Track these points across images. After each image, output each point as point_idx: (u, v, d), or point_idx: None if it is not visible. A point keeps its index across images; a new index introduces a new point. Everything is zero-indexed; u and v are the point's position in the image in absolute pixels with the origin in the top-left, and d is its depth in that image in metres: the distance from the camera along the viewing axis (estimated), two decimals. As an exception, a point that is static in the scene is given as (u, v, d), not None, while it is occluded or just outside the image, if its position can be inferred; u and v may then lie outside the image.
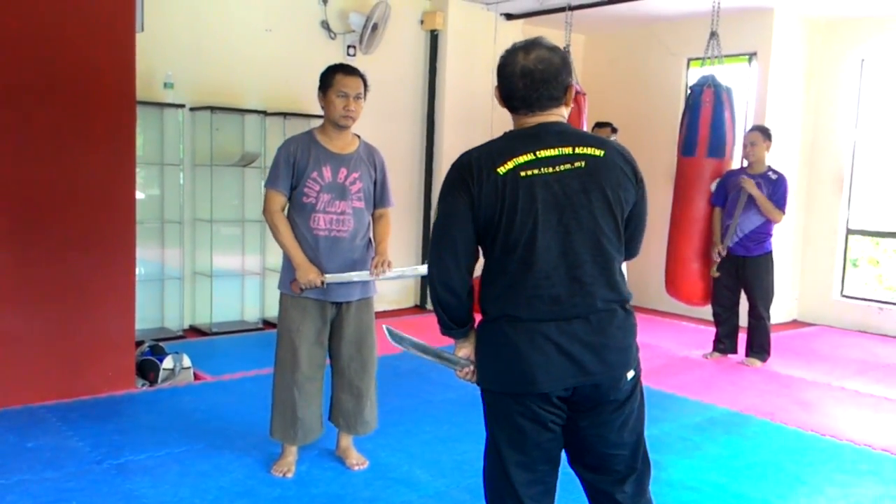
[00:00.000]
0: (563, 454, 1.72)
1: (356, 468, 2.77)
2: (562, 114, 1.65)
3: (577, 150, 1.57)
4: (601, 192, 1.57)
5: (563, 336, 1.56)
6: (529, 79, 1.59)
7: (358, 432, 2.79)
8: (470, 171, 1.58)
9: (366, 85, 2.65)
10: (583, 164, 1.57)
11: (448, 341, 1.73)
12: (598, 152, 1.59)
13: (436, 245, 1.62)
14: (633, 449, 1.67)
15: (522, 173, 1.55)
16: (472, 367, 1.71)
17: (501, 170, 1.56)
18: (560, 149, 1.57)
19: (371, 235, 2.76)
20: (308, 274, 2.56)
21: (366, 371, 2.75)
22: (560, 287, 1.56)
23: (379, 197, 2.75)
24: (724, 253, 4.47)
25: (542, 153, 1.56)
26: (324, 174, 2.61)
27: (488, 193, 1.55)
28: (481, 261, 1.70)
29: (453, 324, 1.67)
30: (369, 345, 2.75)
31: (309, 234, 2.62)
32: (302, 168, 2.60)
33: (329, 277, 2.59)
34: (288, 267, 2.65)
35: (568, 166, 1.56)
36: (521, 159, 1.56)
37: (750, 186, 4.32)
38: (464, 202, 1.58)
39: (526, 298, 1.57)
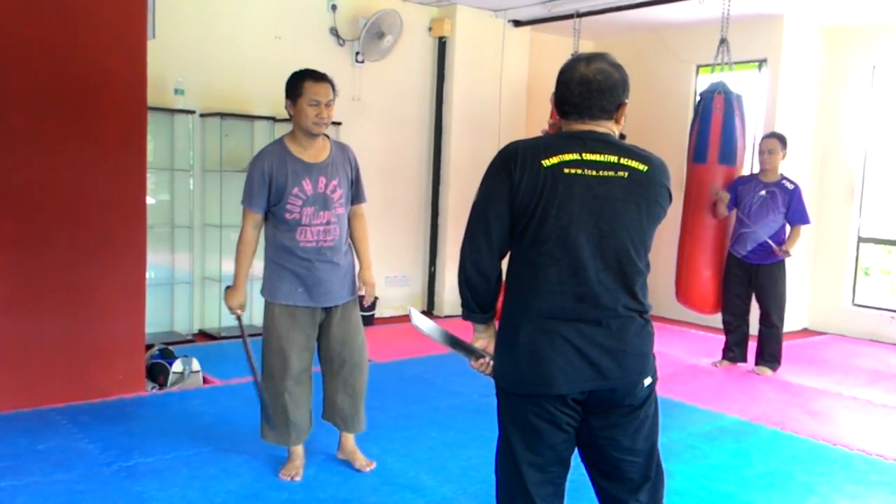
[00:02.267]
0: (574, 460, 1.72)
1: (367, 469, 2.78)
2: (610, 128, 1.67)
3: (622, 161, 1.60)
4: (637, 206, 1.60)
5: (582, 339, 1.58)
6: (586, 87, 1.61)
7: (357, 429, 2.81)
8: (515, 158, 1.60)
9: (334, 89, 2.63)
10: (626, 174, 1.60)
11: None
12: (642, 167, 1.62)
13: (471, 225, 1.65)
14: (646, 457, 1.67)
15: (566, 170, 1.58)
16: (487, 359, 1.71)
17: (546, 162, 1.58)
18: (605, 155, 1.60)
19: (349, 240, 2.78)
20: (236, 299, 2.66)
21: (360, 369, 2.77)
22: (585, 287, 1.58)
23: (354, 194, 2.75)
24: (723, 196, 4.40)
25: (588, 156, 1.59)
26: (304, 188, 2.58)
27: (529, 182, 1.57)
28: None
29: (477, 308, 1.69)
30: (360, 343, 2.77)
31: (297, 247, 2.61)
32: (281, 185, 2.56)
33: (241, 322, 2.71)
34: (271, 275, 2.66)
35: (611, 174, 1.59)
36: (567, 157, 1.58)
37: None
38: (504, 186, 1.59)
39: (549, 293, 1.58)
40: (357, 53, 5.40)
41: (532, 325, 1.60)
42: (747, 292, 4.50)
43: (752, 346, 4.61)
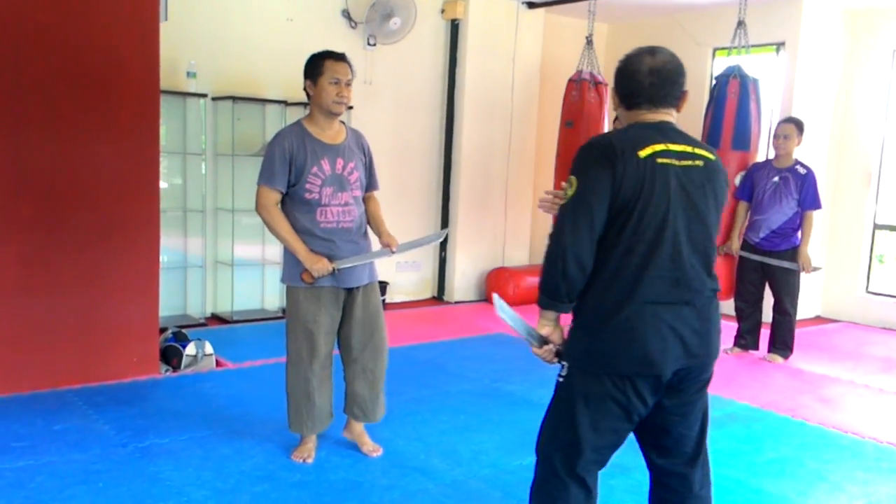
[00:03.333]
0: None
1: (374, 454, 2.80)
2: (674, 117, 1.76)
3: (696, 151, 1.71)
4: (712, 192, 1.72)
5: (678, 321, 1.67)
6: (657, 76, 1.71)
7: (375, 419, 2.82)
8: (613, 150, 1.64)
9: (352, 70, 2.64)
10: (701, 163, 1.71)
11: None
12: (711, 156, 1.74)
13: (573, 217, 1.65)
14: (700, 429, 1.81)
15: (659, 160, 1.65)
16: (552, 346, 1.77)
17: (642, 153, 1.64)
18: (683, 146, 1.70)
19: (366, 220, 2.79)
20: (319, 263, 2.56)
21: (380, 355, 2.76)
22: (680, 271, 1.67)
23: (368, 181, 2.77)
24: (735, 252, 4.41)
25: (672, 146, 1.68)
26: (323, 167, 2.60)
27: (631, 174, 1.63)
28: None
29: (567, 299, 1.70)
30: (381, 327, 2.77)
31: (317, 228, 2.61)
32: (301, 164, 2.57)
33: (339, 263, 2.61)
34: (292, 260, 2.64)
35: (689, 163, 1.69)
36: (658, 147, 1.66)
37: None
38: (607, 179, 1.63)
39: (651, 279, 1.65)
40: (369, 36, 5.37)
41: (633, 310, 1.65)
42: (760, 279, 4.46)
43: (764, 334, 4.58)
